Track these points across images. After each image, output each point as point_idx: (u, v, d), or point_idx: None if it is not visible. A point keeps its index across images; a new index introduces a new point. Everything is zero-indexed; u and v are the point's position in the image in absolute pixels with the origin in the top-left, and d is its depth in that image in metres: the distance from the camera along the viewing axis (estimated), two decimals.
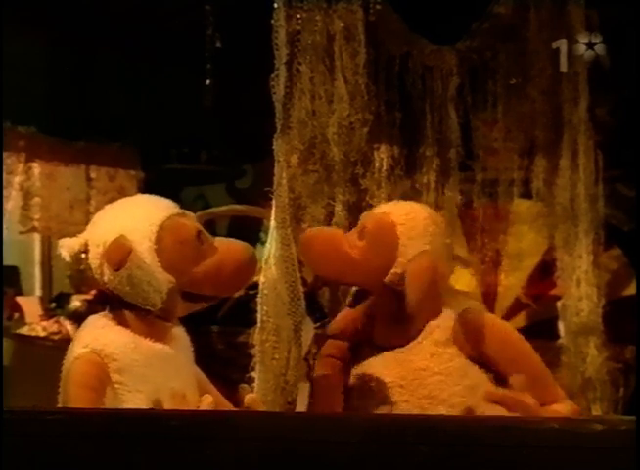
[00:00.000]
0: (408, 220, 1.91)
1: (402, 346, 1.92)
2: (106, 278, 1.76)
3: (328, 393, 1.98)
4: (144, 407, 1.69)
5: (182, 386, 1.79)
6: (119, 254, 1.72)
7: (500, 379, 1.88)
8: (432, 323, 1.91)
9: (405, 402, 1.87)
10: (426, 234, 1.90)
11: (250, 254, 1.88)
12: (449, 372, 1.88)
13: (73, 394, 1.70)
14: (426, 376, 1.88)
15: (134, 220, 1.77)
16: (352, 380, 1.97)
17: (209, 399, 1.77)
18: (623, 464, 1.22)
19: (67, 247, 1.80)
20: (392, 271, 1.88)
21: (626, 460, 1.21)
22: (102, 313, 1.84)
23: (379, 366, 1.93)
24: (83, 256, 1.78)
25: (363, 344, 2.00)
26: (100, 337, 1.76)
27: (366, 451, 1.26)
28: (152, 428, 1.31)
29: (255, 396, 1.90)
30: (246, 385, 1.95)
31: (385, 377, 1.90)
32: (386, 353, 1.93)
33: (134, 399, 1.71)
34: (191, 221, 1.83)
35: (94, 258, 1.77)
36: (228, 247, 1.85)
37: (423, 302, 1.85)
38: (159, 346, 1.80)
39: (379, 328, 1.96)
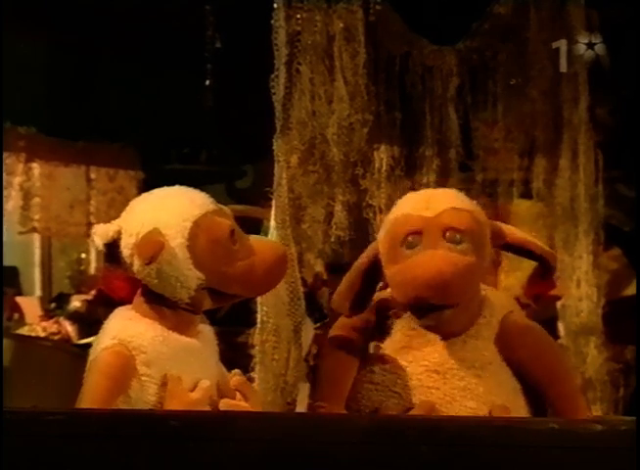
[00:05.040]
0: (481, 212, 1.90)
1: (441, 333, 1.90)
2: (135, 268, 1.76)
3: (340, 378, 1.95)
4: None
5: (206, 379, 1.79)
6: (151, 248, 1.71)
7: (530, 389, 1.87)
8: (480, 320, 1.90)
9: (436, 389, 1.85)
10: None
11: (280, 255, 1.86)
12: (488, 370, 1.87)
13: (93, 381, 1.69)
14: (464, 368, 1.86)
15: (169, 214, 1.75)
16: (380, 353, 1.94)
17: (237, 379, 1.81)
18: (623, 464, 1.22)
19: (100, 233, 1.78)
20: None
21: (626, 460, 1.21)
22: (129, 306, 1.83)
23: (416, 347, 1.90)
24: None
25: (389, 318, 1.97)
26: (128, 328, 1.75)
27: (366, 451, 1.26)
28: (152, 428, 1.31)
29: (241, 378, 1.89)
30: (238, 370, 1.93)
31: (420, 360, 1.89)
32: (424, 336, 1.91)
33: (160, 392, 1.72)
34: (226, 219, 1.80)
35: (126, 247, 1.76)
36: (260, 248, 1.82)
37: None
38: (186, 339, 1.79)
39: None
